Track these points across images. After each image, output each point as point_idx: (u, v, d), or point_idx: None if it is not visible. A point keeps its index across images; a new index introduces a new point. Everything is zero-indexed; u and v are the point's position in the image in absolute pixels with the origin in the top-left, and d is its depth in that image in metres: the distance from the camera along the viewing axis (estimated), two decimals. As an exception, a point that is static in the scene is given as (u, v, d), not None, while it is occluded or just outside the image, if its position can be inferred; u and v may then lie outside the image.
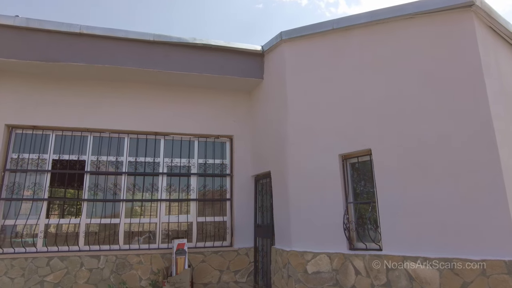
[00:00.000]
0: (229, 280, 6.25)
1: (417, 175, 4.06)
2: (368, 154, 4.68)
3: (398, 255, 4.05)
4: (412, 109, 4.24)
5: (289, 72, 5.77)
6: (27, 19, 5.56)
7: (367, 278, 4.27)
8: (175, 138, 6.80)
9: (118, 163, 6.40)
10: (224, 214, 6.74)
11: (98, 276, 5.67)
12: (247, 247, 6.49)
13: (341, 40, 5.23)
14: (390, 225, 4.23)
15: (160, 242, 6.29)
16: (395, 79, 4.48)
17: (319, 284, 4.69)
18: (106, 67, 5.89)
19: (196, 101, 6.88)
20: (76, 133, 6.29)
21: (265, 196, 6.42)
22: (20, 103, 5.98)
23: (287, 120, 5.59)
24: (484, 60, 3.87)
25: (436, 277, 3.68)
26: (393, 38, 4.63)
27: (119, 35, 5.93)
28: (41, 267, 5.50)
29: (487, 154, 3.62)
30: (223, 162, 6.99)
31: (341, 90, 5.07)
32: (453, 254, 3.64)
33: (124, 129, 6.41)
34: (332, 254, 4.67)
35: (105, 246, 5.99)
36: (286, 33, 5.87)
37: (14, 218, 5.73)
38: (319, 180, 5.06)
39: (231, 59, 6.47)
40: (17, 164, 5.94)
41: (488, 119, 3.65)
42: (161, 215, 6.41)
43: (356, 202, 4.79)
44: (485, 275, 3.38)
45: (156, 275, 5.87)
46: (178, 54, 6.21)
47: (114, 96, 6.45)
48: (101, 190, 6.22)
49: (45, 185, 5.95)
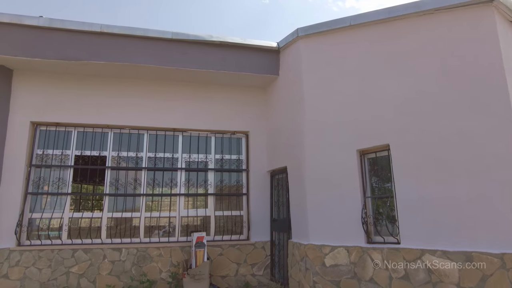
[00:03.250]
0: (246, 273, 6.39)
1: (436, 170, 4.10)
2: (386, 149, 4.73)
3: (416, 248, 4.11)
4: (432, 104, 4.27)
5: (305, 68, 5.82)
6: (50, 19, 5.72)
7: (385, 271, 4.34)
8: (193, 134, 6.93)
9: (138, 158, 6.56)
10: (240, 209, 6.87)
11: (120, 268, 5.87)
12: (264, 240, 6.61)
13: (359, 36, 5.25)
14: (408, 219, 4.29)
15: (179, 235, 6.46)
16: (414, 75, 4.50)
17: (337, 277, 4.79)
18: (125, 65, 6.03)
19: (212, 97, 6.99)
20: (97, 129, 6.47)
21: (281, 191, 6.52)
22: (44, 100, 6.18)
23: (304, 116, 5.66)
24: (506, 55, 3.87)
25: (455, 270, 3.74)
26: (412, 33, 4.65)
27: (138, 33, 6.05)
28: (67, 258, 5.71)
29: (506, 149, 3.64)
30: (239, 157, 7.11)
31: (358, 85, 5.11)
32: (472, 247, 3.69)
33: (143, 126, 6.57)
34: (350, 248, 4.75)
35: (126, 239, 6.17)
36: (302, 29, 5.91)
37: (40, 211, 5.95)
38: (336, 175, 5.13)
39: (247, 56, 6.54)
40: (42, 159, 6.15)
41: (509, 114, 3.67)
42: (180, 209, 6.57)
43: (374, 196, 4.85)
44: (505, 268, 3.43)
45: (176, 268, 6.05)
46: (195, 52, 6.31)
47: (133, 93, 6.60)
48: (122, 185, 6.40)
49: (69, 180, 6.15)
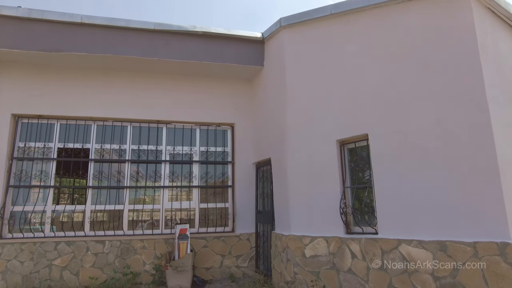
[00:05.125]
0: (231, 264, 6.38)
1: (413, 159, 4.06)
2: (365, 139, 4.68)
3: (393, 238, 4.08)
4: (409, 93, 4.22)
5: (288, 59, 5.77)
6: (29, 10, 5.66)
7: (363, 261, 4.32)
8: (177, 126, 6.89)
9: (122, 151, 6.52)
10: (226, 201, 6.85)
11: (103, 260, 5.86)
12: (249, 232, 6.60)
13: (339, 26, 5.19)
14: (386, 209, 4.26)
15: (163, 227, 6.44)
16: (392, 64, 4.45)
17: (316, 267, 4.77)
18: (107, 56, 5.97)
19: (197, 89, 6.93)
20: (80, 122, 6.43)
21: (266, 183, 6.49)
22: (25, 93, 6.12)
23: (286, 107, 5.61)
24: (481, 42, 3.81)
25: (430, 259, 3.72)
26: (390, 22, 4.59)
27: (120, 24, 5.99)
28: (49, 251, 5.70)
29: (482, 138, 3.60)
30: (224, 149, 7.07)
31: (339, 76, 5.06)
32: (447, 237, 3.66)
33: (127, 118, 6.52)
34: (329, 238, 4.73)
35: (110, 231, 6.16)
36: (285, 19, 5.84)
37: (22, 204, 5.93)
38: (317, 166, 5.09)
39: (231, 47, 6.48)
40: (24, 152, 6.12)
41: (484, 102, 3.62)
42: (164, 201, 6.54)
43: (353, 186, 4.82)
44: (477, 257, 3.40)
45: (159, 260, 6.04)
46: (178, 43, 6.25)
47: (117, 85, 6.55)
48: (105, 177, 6.37)
49: (51, 173, 6.12)
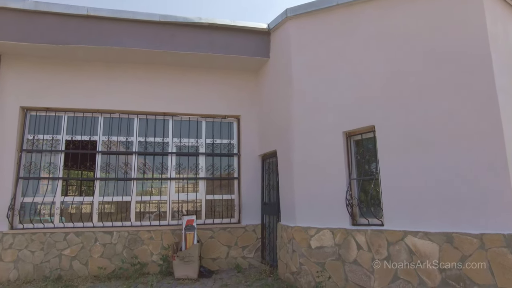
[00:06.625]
0: (237, 255, 6.44)
1: (420, 151, 4.03)
2: (372, 131, 4.66)
3: (399, 230, 4.07)
4: (417, 84, 4.17)
5: (294, 50, 5.72)
6: (36, 2, 5.67)
7: (369, 252, 4.33)
8: (183, 118, 6.91)
9: (129, 143, 6.57)
10: (232, 192, 6.89)
11: (111, 251, 5.95)
12: (254, 224, 6.64)
13: (346, 16, 5.12)
14: (392, 200, 4.25)
15: (170, 218, 6.51)
16: (400, 54, 4.39)
17: (322, 258, 4.80)
18: (114, 48, 5.98)
19: (203, 81, 6.93)
20: (87, 114, 6.48)
21: (272, 175, 6.51)
22: (33, 85, 6.18)
23: (292, 99, 5.59)
24: (491, 31, 3.74)
25: (436, 250, 3.71)
26: (397, 11, 4.51)
27: (126, 16, 5.98)
28: (59, 241, 5.81)
29: (490, 129, 3.55)
30: (230, 142, 7.08)
31: (345, 67, 5.01)
32: (453, 228, 3.65)
33: (133, 110, 6.56)
34: (335, 230, 4.74)
35: (118, 222, 6.24)
36: (291, 10, 5.78)
37: (32, 196, 6.03)
38: (323, 157, 5.09)
39: (237, 38, 6.44)
40: (33, 144, 6.20)
41: (493, 92, 3.56)
42: (171, 193, 6.60)
43: (359, 178, 4.81)
44: (483, 249, 3.39)
45: (166, 250, 6.12)
46: (184, 34, 6.23)
47: (123, 77, 6.57)
48: (113, 169, 6.44)
49: (60, 165, 6.21)
